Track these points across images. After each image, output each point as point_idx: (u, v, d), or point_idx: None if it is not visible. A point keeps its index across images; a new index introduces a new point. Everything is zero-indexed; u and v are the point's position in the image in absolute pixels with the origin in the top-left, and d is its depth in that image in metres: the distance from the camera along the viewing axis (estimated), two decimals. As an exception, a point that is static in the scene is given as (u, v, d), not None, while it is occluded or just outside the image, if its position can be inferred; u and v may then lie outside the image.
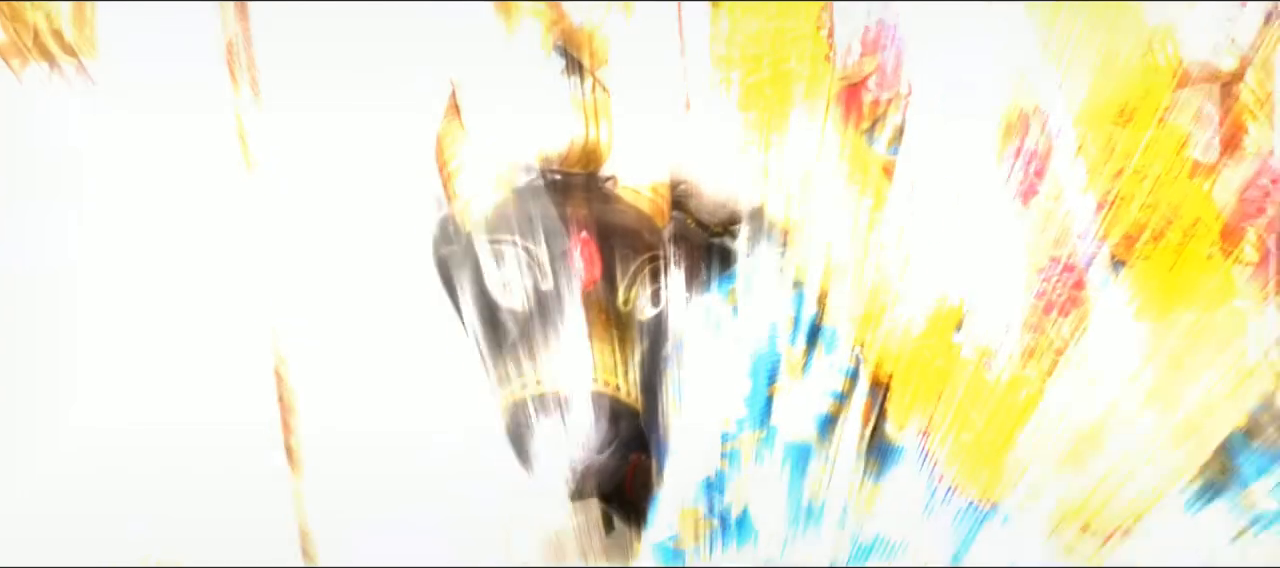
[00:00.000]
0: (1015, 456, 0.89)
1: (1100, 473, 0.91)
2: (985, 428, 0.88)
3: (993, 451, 0.88)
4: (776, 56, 0.93)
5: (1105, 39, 1.02)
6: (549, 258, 0.94)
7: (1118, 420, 0.92)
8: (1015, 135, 0.97)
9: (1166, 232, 0.96)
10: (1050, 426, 0.91)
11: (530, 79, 0.97)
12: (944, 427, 0.90)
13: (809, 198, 0.93)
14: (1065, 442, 0.92)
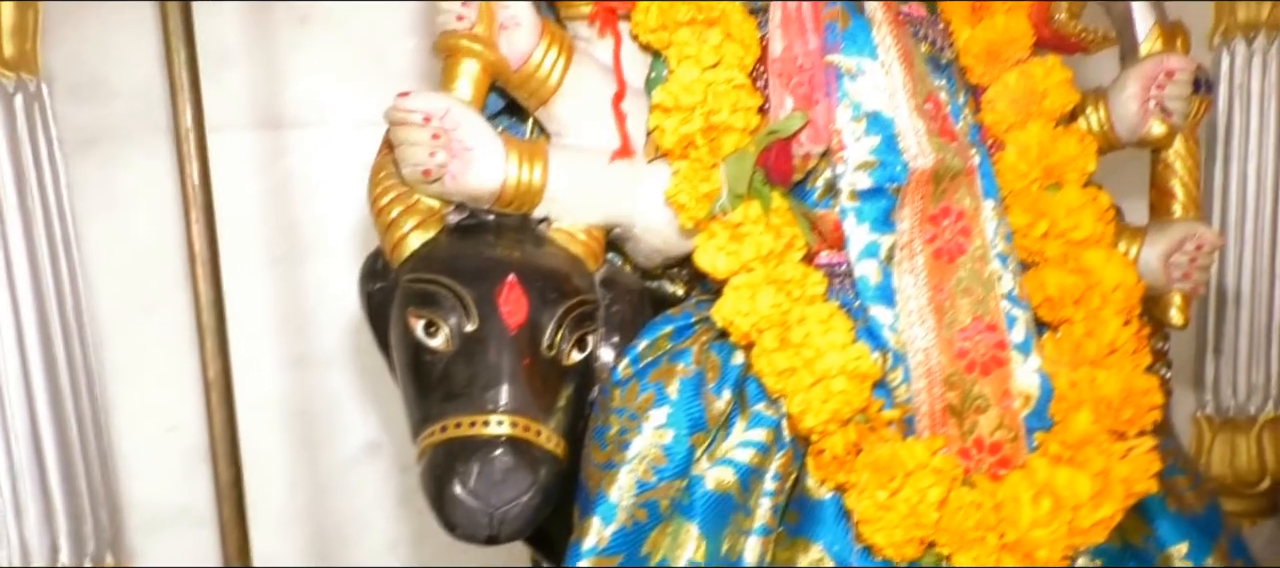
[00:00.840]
0: (933, 516, 0.90)
1: (1016, 534, 0.91)
2: (903, 487, 0.88)
3: (910, 510, 0.88)
4: (709, 107, 0.93)
5: (1035, 105, 1.04)
6: (475, 300, 0.93)
7: (1035, 482, 0.92)
8: (944, 194, 0.98)
9: (1087, 296, 0.97)
10: (967, 488, 0.92)
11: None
12: (862, 484, 0.90)
13: (738, 250, 0.93)
14: (984, 503, 0.92)
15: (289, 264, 1.47)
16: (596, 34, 1.02)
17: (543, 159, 0.97)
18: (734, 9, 0.97)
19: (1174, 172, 1.18)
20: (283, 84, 1.42)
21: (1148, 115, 1.11)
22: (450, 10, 0.96)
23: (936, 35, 1.05)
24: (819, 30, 0.96)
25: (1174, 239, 1.14)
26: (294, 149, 1.44)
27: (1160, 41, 1.14)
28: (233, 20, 1.40)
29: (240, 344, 1.44)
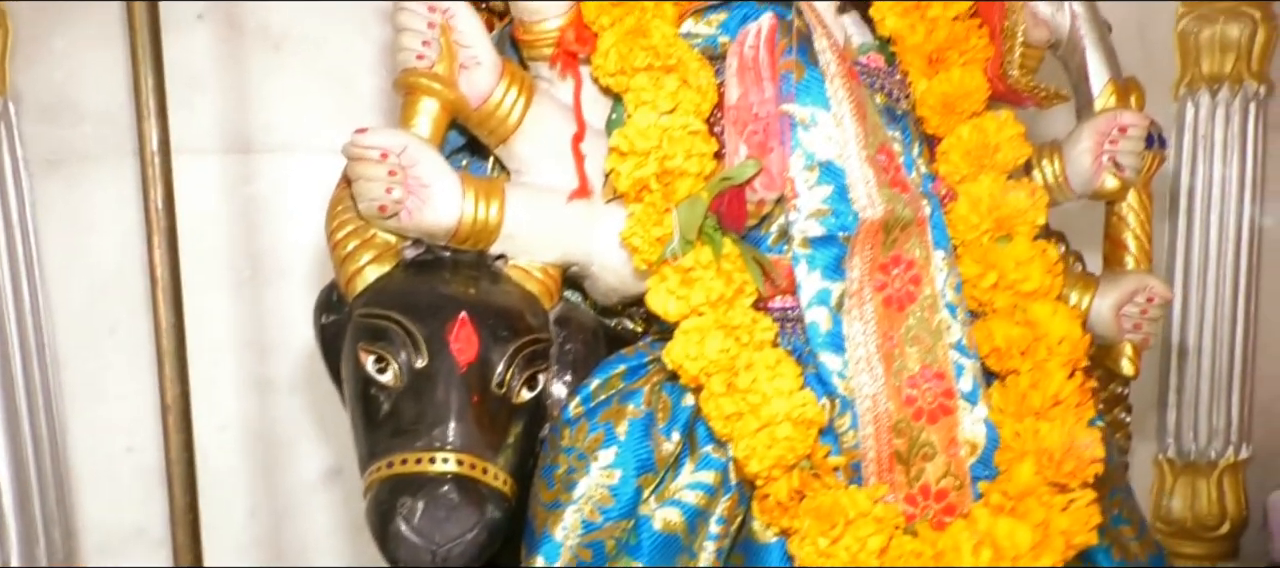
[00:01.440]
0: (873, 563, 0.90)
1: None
2: (844, 535, 0.89)
3: (851, 558, 0.89)
4: (663, 152, 0.94)
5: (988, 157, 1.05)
6: (426, 337, 0.93)
7: (976, 531, 0.93)
8: (895, 244, 0.99)
9: (1034, 348, 0.99)
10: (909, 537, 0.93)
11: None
12: (804, 530, 0.90)
13: (688, 294, 0.94)
14: (925, 552, 0.93)
15: (253, 288, 1.47)
16: (558, 75, 1.03)
17: (500, 197, 0.98)
18: (692, 57, 0.99)
19: (1127, 224, 1.20)
20: (253, 110, 1.43)
21: (1101, 169, 1.13)
22: (411, 49, 0.97)
23: (893, 86, 1.07)
24: (774, 79, 0.98)
25: (1126, 291, 1.16)
26: (262, 174, 1.44)
27: (1114, 97, 1.17)
28: (206, 45, 1.41)
29: (202, 367, 1.43)
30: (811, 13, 0.99)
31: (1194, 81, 1.75)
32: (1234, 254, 1.78)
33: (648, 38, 0.97)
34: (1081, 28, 1.15)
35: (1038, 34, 1.14)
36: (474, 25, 0.98)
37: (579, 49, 1.00)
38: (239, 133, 1.43)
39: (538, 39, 1.02)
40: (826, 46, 0.98)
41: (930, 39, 1.06)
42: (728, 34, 1.01)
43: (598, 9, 0.99)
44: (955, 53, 1.07)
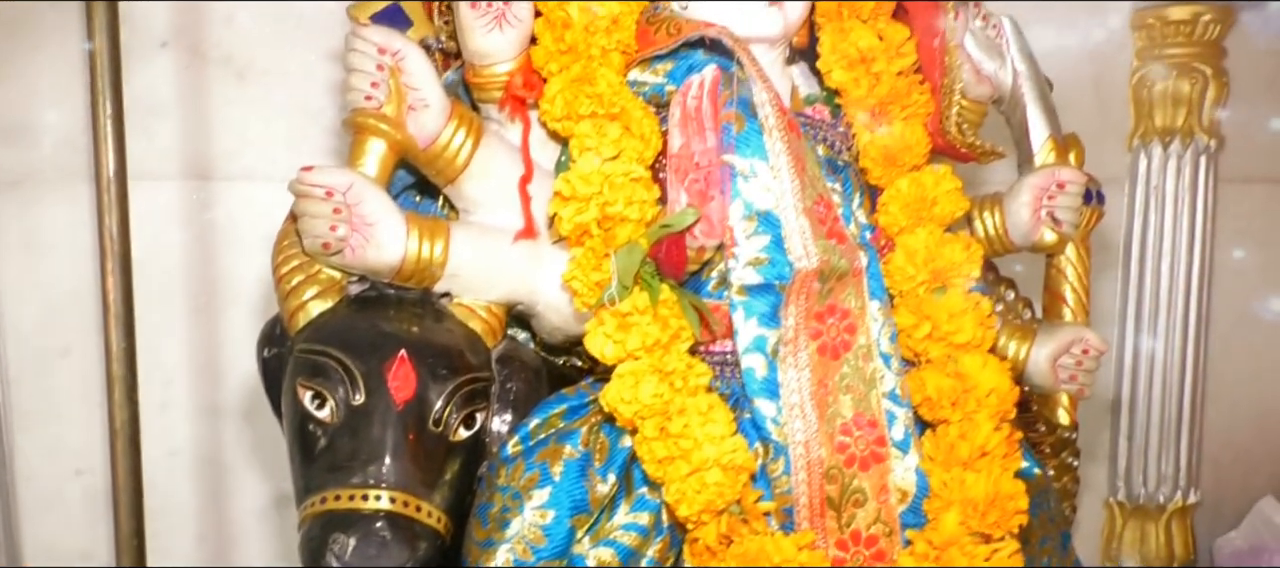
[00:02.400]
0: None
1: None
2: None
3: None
4: (604, 198, 0.96)
5: (926, 210, 1.08)
6: (364, 374, 0.94)
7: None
8: (831, 293, 1.01)
9: (963, 400, 1.01)
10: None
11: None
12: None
13: (624, 338, 0.95)
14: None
15: (208, 315, 1.47)
16: (507, 118, 1.05)
17: (444, 236, 1.00)
18: (636, 105, 1.01)
19: (1065, 277, 1.23)
20: (213, 137, 1.44)
21: (1039, 223, 1.15)
22: (360, 89, 0.98)
23: (836, 138, 1.09)
24: (717, 130, 1.00)
25: (1062, 342, 1.18)
26: (220, 202, 1.45)
27: (1054, 153, 1.19)
28: (169, 72, 1.42)
29: (155, 391, 1.45)
30: (753, 66, 1.01)
31: (1147, 134, 1.78)
32: (1184, 303, 1.81)
33: (593, 86, 0.99)
34: (1023, 85, 1.18)
35: (981, 90, 1.17)
36: (424, 68, 0.99)
37: (527, 94, 1.02)
38: (199, 160, 1.45)
39: (488, 82, 1.04)
40: (766, 100, 1.00)
41: (873, 93, 1.09)
42: (674, 83, 1.03)
43: (546, 55, 1.01)
44: (897, 107, 1.09)
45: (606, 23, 1.00)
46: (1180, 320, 1.82)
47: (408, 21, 1.03)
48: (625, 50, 1.02)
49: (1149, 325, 1.83)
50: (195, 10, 1.41)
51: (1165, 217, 1.80)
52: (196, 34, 1.42)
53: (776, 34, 1.06)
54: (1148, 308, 1.82)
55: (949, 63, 1.10)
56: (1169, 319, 1.82)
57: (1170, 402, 1.84)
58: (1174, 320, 1.82)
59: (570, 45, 1.00)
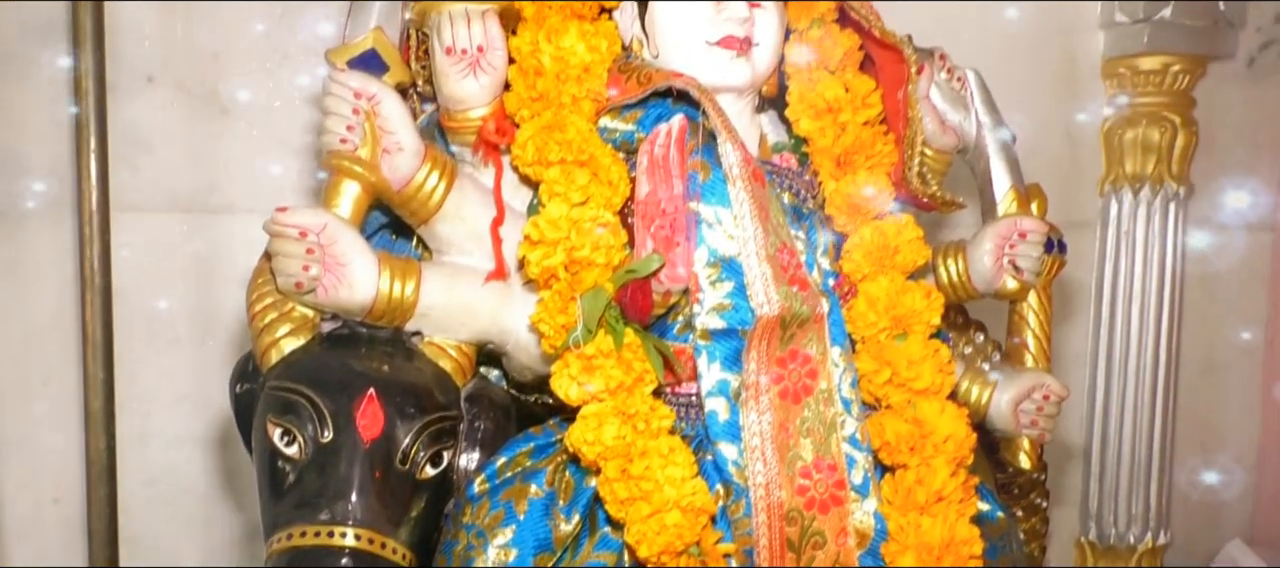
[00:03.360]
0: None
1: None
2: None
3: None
4: (572, 243, 0.98)
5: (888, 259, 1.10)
6: (333, 412, 0.96)
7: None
8: (792, 339, 1.03)
9: (921, 445, 1.03)
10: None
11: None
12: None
13: (589, 381, 0.97)
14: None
15: (189, 345, 1.49)
16: (480, 161, 1.07)
17: (416, 276, 1.02)
18: (605, 152, 1.03)
19: (1027, 324, 1.26)
20: (197, 170, 1.46)
21: (1001, 271, 1.18)
22: (335, 131, 1.01)
23: (802, 186, 1.12)
24: (683, 178, 1.02)
25: (1024, 388, 1.21)
26: (202, 234, 1.48)
27: (1016, 203, 1.22)
28: (155, 107, 1.45)
29: (134, 421, 1.46)
30: (719, 117, 1.04)
31: (1118, 180, 1.82)
32: (1154, 345, 1.84)
33: (563, 132, 1.01)
34: (986, 137, 1.22)
35: (945, 140, 1.21)
36: (398, 112, 1.02)
37: (499, 140, 1.04)
38: (182, 193, 1.47)
39: (462, 126, 1.07)
40: (730, 150, 1.03)
41: (838, 143, 1.12)
42: (643, 130, 1.05)
43: (519, 102, 1.04)
44: (862, 157, 1.12)
45: (578, 71, 1.03)
46: (1150, 363, 1.84)
47: (384, 66, 1.06)
48: (596, 98, 1.05)
49: (1119, 368, 1.85)
50: (182, 46, 1.44)
51: (1135, 261, 1.83)
52: (183, 69, 1.44)
53: (744, 84, 1.09)
54: (1118, 350, 1.85)
55: (912, 116, 1.13)
56: (1139, 362, 1.85)
57: (1140, 443, 1.86)
58: (1144, 363, 1.84)
59: (541, 93, 1.03)
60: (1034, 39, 1.72)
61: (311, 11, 1.46)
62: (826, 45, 1.14)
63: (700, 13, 1.06)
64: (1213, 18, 1.74)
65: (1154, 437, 1.86)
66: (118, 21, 1.38)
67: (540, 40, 1.03)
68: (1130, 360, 1.84)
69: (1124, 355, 1.85)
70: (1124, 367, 1.85)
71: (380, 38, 1.03)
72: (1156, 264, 1.82)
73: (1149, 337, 1.84)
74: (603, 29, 1.06)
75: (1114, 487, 1.88)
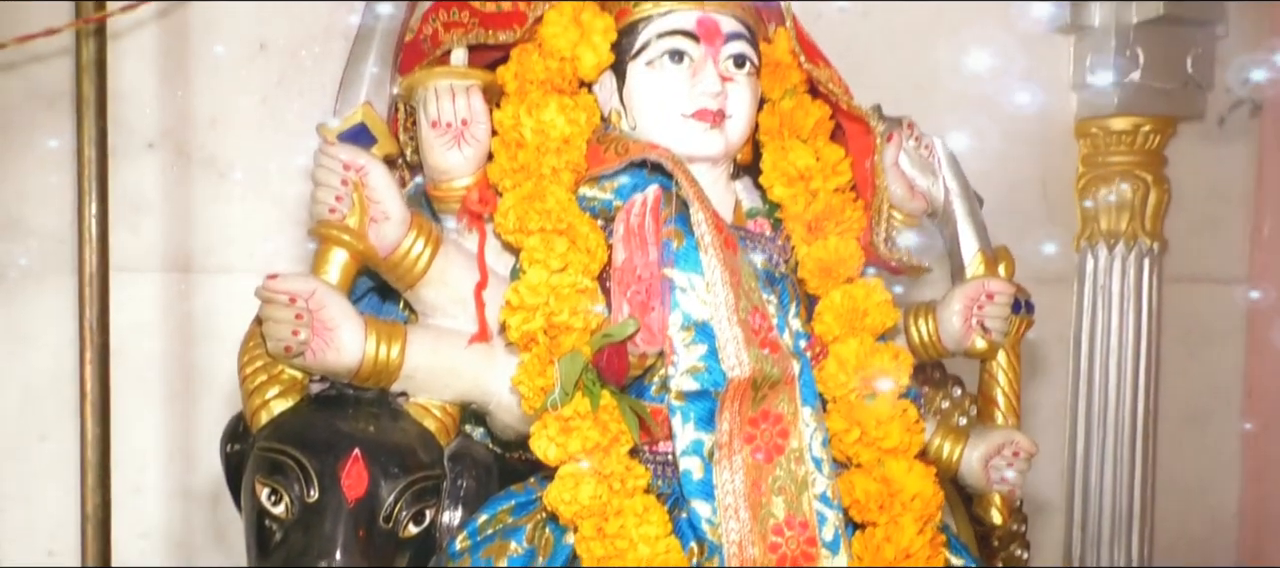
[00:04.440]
0: None
1: None
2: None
3: None
4: (551, 309, 1.02)
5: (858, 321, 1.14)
6: (318, 472, 1.00)
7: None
8: (764, 399, 1.07)
9: (890, 503, 1.06)
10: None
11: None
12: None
13: (566, 442, 1.01)
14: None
15: (184, 401, 1.53)
16: (465, 228, 1.12)
17: (402, 339, 1.06)
18: (583, 221, 1.08)
19: (997, 382, 1.29)
20: (194, 232, 1.51)
21: (970, 331, 1.22)
22: (325, 202, 1.05)
23: (774, 251, 1.16)
24: (658, 244, 1.07)
25: (994, 444, 1.24)
26: (198, 292, 1.52)
27: (983, 265, 1.27)
28: (154, 171, 1.50)
29: (128, 475, 1.49)
30: (692, 187, 1.09)
31: (1093, 236, 1.86)
32: (1132, 397, 1.87)
33: (544, 202, 1.06)
34: (954, 201, 1.26)
35: (914, 205, 1.25)
36: (385, 182, 1.06)
37: (482, 210, 1.09)
38: (180, 253, 1.52)
39: (447, 195, 1.11)
40: (703, 219, 1.07)
41: (810, 209, 1.16)
42: (620, 199, 1.10)
43: (501, 172, 1.09)
44: (832, 223, 1.16)
45: (557, 144, 1.08)
46: (1128, 414, 1.88)
47: (372, 138, 1.10)
48: (575, 169, 1.09)
49: (1099, 420, 1.88)
50: (182, 113, 1.49)
51: (1112, 315, 1.87)
52: (182, 135, 1.50)
53: (718, 154, 1.14)
54: (1098, 402, 1.88)
55: (878, 185, 1.17)
56: (1118, 414, 1.88)
57: (1121, 494, 1.89)
58: (1123, 413, 1.88)
59: (523, 164, 1.07)
60: (1009, 100, 1.78)
61: (307, 78, 1.51)
62: (798, 115, 1.19)
63: (675, 86, 1.11)
64: (1182, 80, 1.80)
65: (1135, 488, 1.89)
66: (119, 88, 1.43)
67: (522, 114, 1.08)
68: (1109, 412, 1.88)
69: (1103, 408, 1.88)
70: (1103, 419, 1.88)
71: (369, 112, 1.08)
72: (1133, 317, 1.86)
73: (1127, 389, 1.87)
74: (582, 102, 1.11)
75: (1096, 538, 1.90)
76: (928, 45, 1.69)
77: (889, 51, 1.66)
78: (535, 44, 1.11)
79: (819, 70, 1.17)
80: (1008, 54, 1.75)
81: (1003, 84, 1.76)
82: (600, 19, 1.11)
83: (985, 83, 1.75)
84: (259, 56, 1.51)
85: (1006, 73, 1.76)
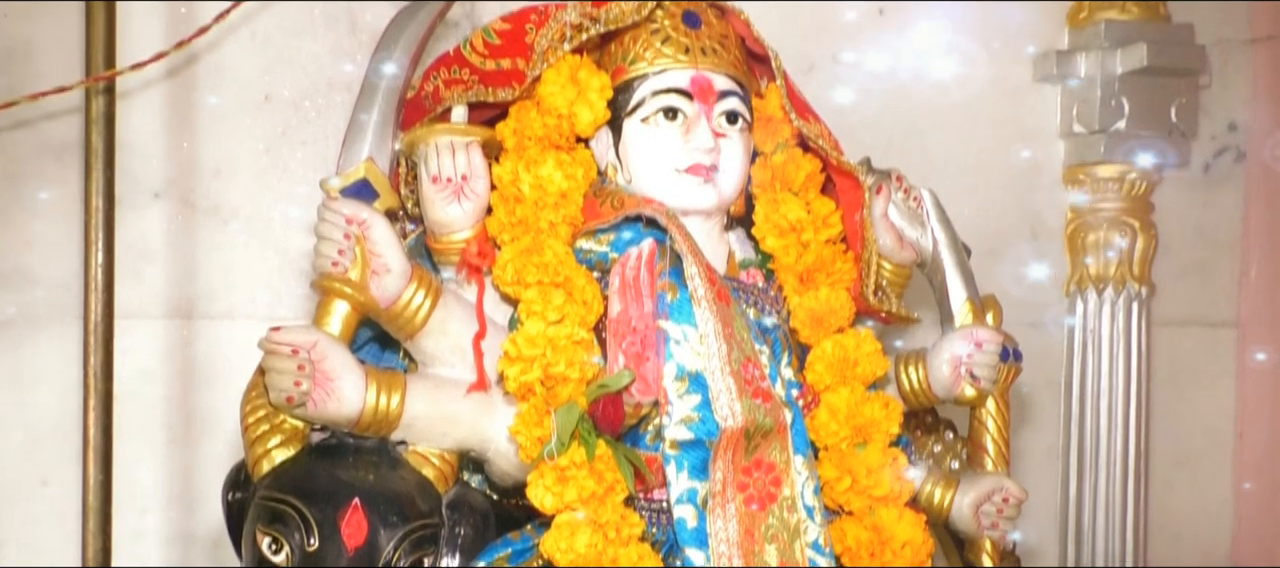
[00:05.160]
0: None
1: None
2: None
3: None
4: (547, 360, 1.04)
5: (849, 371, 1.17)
6: (319, 521, 1.02)
7: None
8: (757, 449, 1.09)
9: (880, 551, 1.08)
10: None
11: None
12: None
13: (562, 491, 1.03)
14: None
15: (185, 446, 1.55)
16: (464, 280, 1.14)
17: (401, 389, 1.08)
18: (580, 273, 1.10)
19: (986, 429, 1.31)
20: (198, 279, 1.54)
21: (959, 379, 1.25)
22: (327, 255, 1.08)
23: (767, 302, 1.19)
24: (653, 297, 1.09)
25: (984, 491, 1.26)
26: (200, 338, 1.54)
27: (971, 314, 1.29)
28: (159, 220, 1.53)
29: (129, 519, 1.51)
30: (686, 241, 1.11)
31: (1082, 281, 1.89)
32: (1123, 439, 1.89)
33: (541, 256, 1.09)
34: (942, 252, 1.29)
35: (904, 255, 1.28)
36: (387, 236, 1.09)
37: (481, 262, 1.12)
38: (183, 300, 1.54)
39: (446, 248, 1.14)
40: (696, 272, 1.10)
41: (801, 261, 1.19)
42: (616, 251, 1.13)
43: (500, 226, 1.11)
44: (823, 274, 1.19)
45: (555, 198, 1.11)
46: (1120, 455, 1.89)
47: (375, 193, 1.13)
48: (572, 222, 1.12)
49: (1090, 459, 1.90)
50: (187, 164, 1.52)
51: (1102, 359, 1.89)
52: (187, 185, 1.53)
53: (711, 207, 1.17)
54: (1089, 443, 1.90)
55: (868, 237, 1.20)
56: (1109, 454, 1.89)
57: (1113, 537, 1.90)
58: (1114, 455, 1.89)
59: (521, 219, 1.10)
60: (999, 149, 1.81)
61: (309, 129, 1.55)
62: (789, 169, 1.22)
63: (670, 142, 1.14)
64: (1166, 128, 1.83)
65: (1126, 531, 1.90)
66: (126, 139, 1.46)
67: (520, 169, 1.11)
68: (1101, 456, 1.89)
69: (1095, 448, 1.90)
70: (1095, 462, 1.90)
71: (371, 168, 1.11)
72: (1123, 361, 1.88)
73: (1118, 432, 1.89)
74: (579, 158, 1.14)
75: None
76: (918, 96, 1.73)
77: (879, 102, 1.69)
78: (533, 101, 1.14)
79: (809, 126, 1.20)
80: (997, 105, 1.79)
81: (992, 134, 1.80)
82: (597, 77, 1.14)
83: (975, 132, 1.79)
84: (263, 108, 1.54)
85: (995, 123, 1.80)
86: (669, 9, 1.16)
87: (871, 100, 1.67)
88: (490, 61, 1.15)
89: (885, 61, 1.70)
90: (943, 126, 1.75)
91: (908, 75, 1.71)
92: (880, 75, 1.70)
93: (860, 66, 1.71)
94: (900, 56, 1.71)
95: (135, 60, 1.36)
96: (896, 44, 1.72)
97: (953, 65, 1.75)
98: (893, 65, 1.71)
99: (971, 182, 1.78)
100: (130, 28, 1.44)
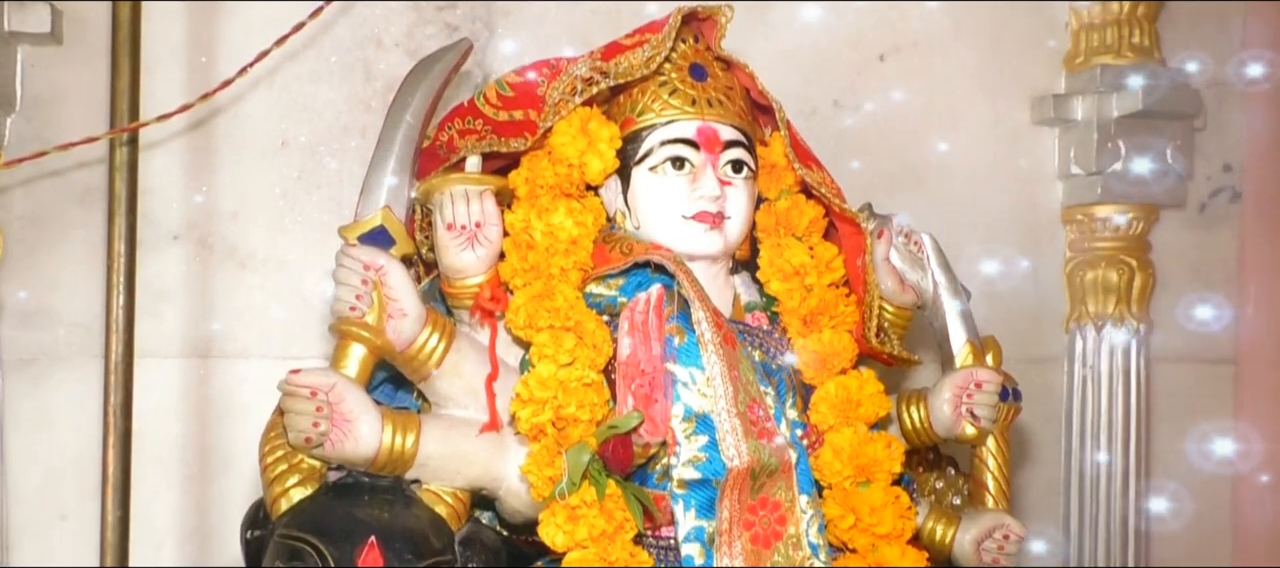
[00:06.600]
0: None
1: None
2: None
3: None
4: (559, 402, 1.08)
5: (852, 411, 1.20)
6: (336, 558, 1.04)
7: None
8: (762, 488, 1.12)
9: (884, 589, 1.11)
10: None
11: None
12: None
13: (573, 529, 1.06)
14: None
15: (201, 482, 1.58)
16: (477, 323, 1.18)
17: (416, 429, 1.11)
18: (590, 317, 1.14)
19: (987, 467, 1.34)
20: (214, 319, 1.57)
21: (960, 418, 1.27)
22: (345, 300, 1.11)
23: (772, 344, 1.22)
24: (661, 339, 1.13)
25: (985, 528, 1.28)
26: (217, 376, 1.58)
27: (971, 356, 1.32)
28: (178, 262, 1.56)
29: (145, 553, 1.54)
30: (693, 286, 1.15)
31: (1081, 318, 1.92)
32: (1122, 470, 1.91)
33: (552, 301, 1.12)
34: (942, 294, 1.32)
35: (905, 298, 1.32)
36: (403, 281, 1.12)
37: (494, 306, 1.15)
38: (200, 339, 1.57)
39: (460, 293, 1.17)
40: (703, 316, 1.13)
41: (805, 304, 1.22)
42: (625, 296, 1.16)
43: (512, 271, 1.15)
44: (826, 317, 1.22)
45: (566, 245, 1.15)
46: (1119, 487, 1.91)
47: (391, 240, 1.17)
48: (583, 268, 1.16)
49: (1090, 493, 1.92)
50: (206, 207, 1.56)
51: (1101, 392, 1.91)
52: (206, 228, 1.57)
53: (717, 252, 1.20)
54: (1089, 476, 1.92)
55: (870, 281, 1.24)
56: (1109, 487, 1.91)
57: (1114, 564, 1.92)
58: (1114, 488, 1.91)
59: (533, 265, 1.14)
60: (999, 190, 1.85)
61: (324, 173, 1.59)
62: (793, 215, 1.26)
63: (677, 190, 1.18)
64: (1163, 169, 1.87)
65: (1128, 558, 1.92)
66: (147, 183, 1.50)
67: (532, 217, 1.15)
68: (1100, 486, 1.91)
69: (1094, 481, 1.92)
70: (1095, 492, 1.92)
71: (388, 215, 1.15)
72: (1121, 396, 1.90)
73: (1117, 461, 1.91)
74: (589, 205, 1.18)
75: (1091, 613, 1.93)
76: (919, 140, 1.77)
77: (882, 144, 1.73)
78: (545, 151, 1.18)
79: (812, 174, 1.24)
80: (996, 148, 1.83)
81: (991, 176, 1.84)
82: (606, 128, 1.18)
83: (975, 175, 1.83)
84: (280, 153, 1.58)
85: (995, 166, 1.84)
86: (676, 62, 1.20)
87: (872, 144, 1.71)
88: (503, 113, 1.19)
89: (887, 107, 1.74)
90: (943, 170, 1.79)
91: (908, 120, 1.76)
92: (881, 119, 1.74)
93: (860, 111, 1.75)
94: (901, 101, 1.75)
95: (157, 106, 1.40)
96: (897, 89, 1.76)
97: (952, 109, 1.79)
98: (893, 110, 1.75)
99: (971, 224, 1.82)
100: (153, 76, 1.48)
